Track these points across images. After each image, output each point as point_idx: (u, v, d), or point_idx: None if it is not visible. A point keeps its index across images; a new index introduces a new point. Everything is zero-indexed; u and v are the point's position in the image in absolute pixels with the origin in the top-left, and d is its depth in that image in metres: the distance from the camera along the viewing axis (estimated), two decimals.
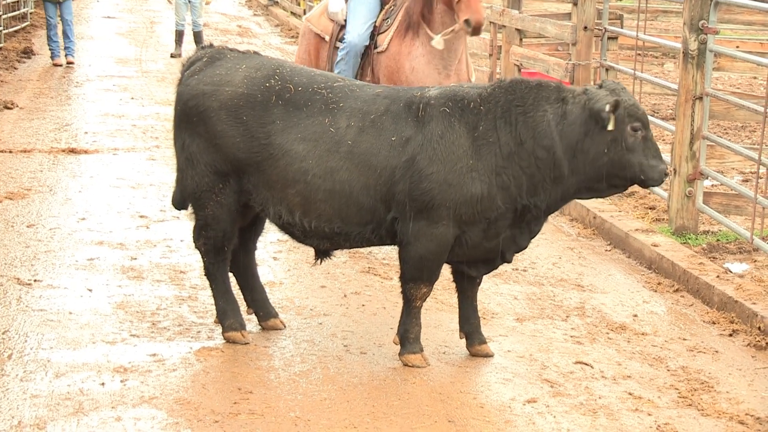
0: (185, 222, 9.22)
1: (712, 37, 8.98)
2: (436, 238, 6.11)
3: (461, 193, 6.02)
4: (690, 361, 6.63)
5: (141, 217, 9.31)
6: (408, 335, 6.36)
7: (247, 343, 6.55)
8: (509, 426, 5.68)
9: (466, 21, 7.77)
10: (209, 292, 6.80)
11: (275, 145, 6.23)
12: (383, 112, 6.19)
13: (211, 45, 6.81)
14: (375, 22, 8.47)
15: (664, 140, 11.96)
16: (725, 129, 13.40)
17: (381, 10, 8.51)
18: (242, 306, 6.79)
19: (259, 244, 8.67)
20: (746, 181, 10.71)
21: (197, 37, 19.88)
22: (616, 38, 11.92)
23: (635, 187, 8.21)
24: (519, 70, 12.52)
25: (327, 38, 8.64)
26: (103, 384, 5.99)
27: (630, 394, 6.13)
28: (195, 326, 6.88)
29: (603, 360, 6.57)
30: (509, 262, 6.46)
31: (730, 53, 10.47)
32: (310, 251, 8.51)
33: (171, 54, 19.89)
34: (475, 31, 7.82)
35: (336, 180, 6.16)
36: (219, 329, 6.71)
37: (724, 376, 6.42)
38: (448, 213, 6.04)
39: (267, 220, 6.61)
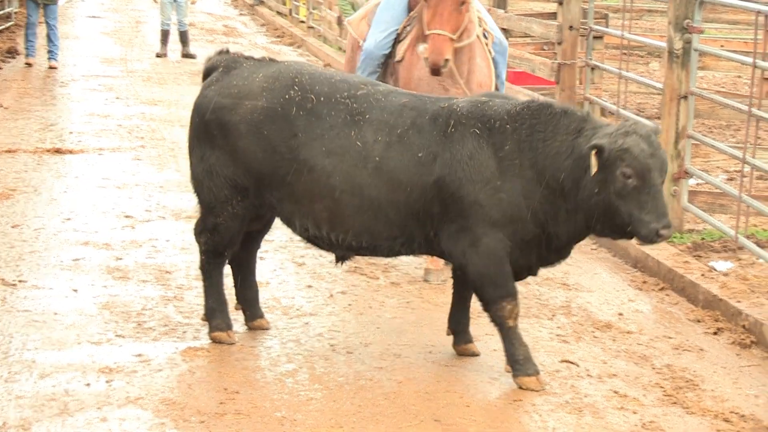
0: (171, 222, 9.21)
1: (696, 37, 8.99)
2: (487, 253, 5.95)
3: (494, 212, 5.88)
4: (675, 359, 6.65)
5: (126, 217, 9.29)
6: (516, 358, 6.07)
7: (233, 344, 6.53)
8: (495, 425, 5.68)
9: (426, 59, 7.50)
10: (195, 292, 6.79)
11: (300, 159, 6.09)
12: (409, 126, 6.03)
13: (227, 51, 6.63)
14: (398, 29, 8.19)
15: None
16: (710, 128, 13.43)
17: (406, 17, 8.20)
18: (230, 302, 6.77)
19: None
20: (731, 179, 10.73)
21: (183, 36, 19.86)
22: (601, 37, 11.92)
23: None
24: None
25: (362, 43, 8.51)
26: (88, 384, 5.98)
27: (615, 392, 6.14)
28: (181, 326, 6.86)
29: (589, 358, 6.57)
30: (535, 275, 6.33)
31: (715, 52, 10.52)
32: (296, 251, 8.56)
33: (156, 54, 19.87)
34: (433, 72, 7.47)
35: (364, 196, 6.03)
36: (205, 330, 6.71)
37: (708, 374, 6.43)
38: (484, 229, 5.90)
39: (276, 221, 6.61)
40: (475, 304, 6.31)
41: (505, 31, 12.70)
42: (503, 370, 6.30)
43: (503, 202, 5.86)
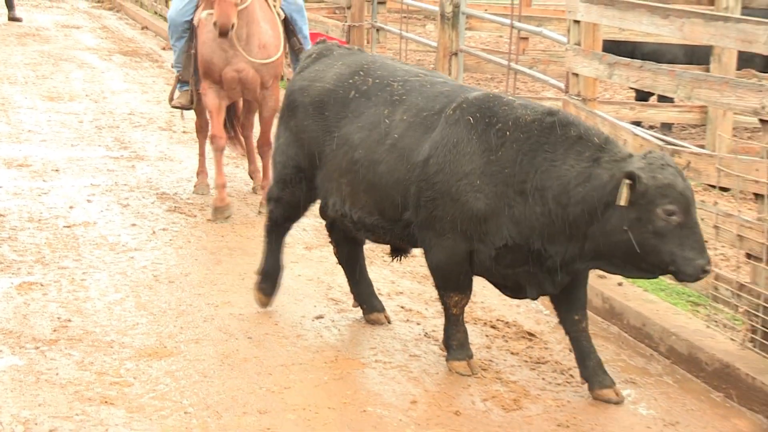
0: (3, 170, 8.81)
1: (464, 1, 9.11)
2: (447, 250, 5.11)
3: (462, 209, 4.98)
4: None
5: None
6: (451, 342, 5.38)
7: (269, 307, 5.98)
8: (301, 339, 5.68)
9: (214, 23, 7.24)
10: (27, 233, 6.48)
11: (341, 134, 5.44)
12: (437, 111, 5.18)
13: (324, 41, 6.09)
14: None
15: None
16: (477, 80, 13.67)
17: None
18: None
19: (72, 189, 8.42)
20: None
21: (8, 2, 18.86)
22: (384, 2, 11.95)
23: None
24: None
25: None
26: None
27: (402, 307, 6.22)
28: (15, 263, 6.58)
29: (380, 279, 6.62)
30: (533, 298, 5.28)
31: (480, 15, 10.67)
32: (121, 194, 8.31)
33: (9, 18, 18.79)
34: (221, 34, 7.26)
35: (376, 172, 5.27)
36: (39, 265, 6.46)
37: (479, 289, 6.54)
38: (451, 227, 5.03)
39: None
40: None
41: None
42: (308, 293, 6.30)
43: (479, 202, 4.94)
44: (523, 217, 4.88)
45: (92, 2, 23.16)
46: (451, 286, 5.24)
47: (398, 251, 5.66)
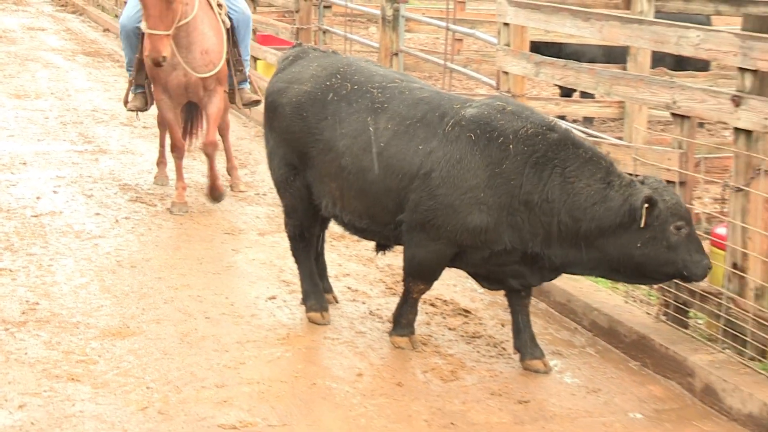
0: None
1: (404, 6, 9.11)
2: (434, 252, 5.02)
3: (464, 221, 4.86)
4: (394, 260, 6.76)
5: None
6: (401, 319, 5.32)
7: (327, 324, 5.58)
8: (255, 318, 5.65)
9: (146, 56, 7.01)
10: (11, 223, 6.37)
11: (324, 140, 5.25)
12: (419, 119, 5.04)
13: (300, 44, 5.94)
14: None
15: None
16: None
17: None
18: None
19: (38, 181, 8.28)
20: None
21: None
22: (330, 7, 11.88)
23: None
24: (254, 32, 12.30)
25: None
26: None
27: (349, 288, 6.21)
28: None
29: (328, 262, 6.56)
30: (515, 290, 5.16)
31: (418, 18, 10.67)
32: (85, 185, 8.19)
33: None
34: (155, 65, 7.00)
35: (366, 179, 5.10)
36: (9, 252, 6.34)
37: None
38: (448, 235, 4.92)
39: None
40: (230, 223, 6.21)
41: (253, 1, 12.49)
42: (262, 275, 6.27)
43: (482, 214, 4.83)
44: (526, 225, 4.82)
45: (56, 6, 22.78)
46: (424, 280, 5.20)
47: (383, 247, 5.52)
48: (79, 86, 12.87)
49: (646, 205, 4.65)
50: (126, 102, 8.12)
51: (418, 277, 5.18)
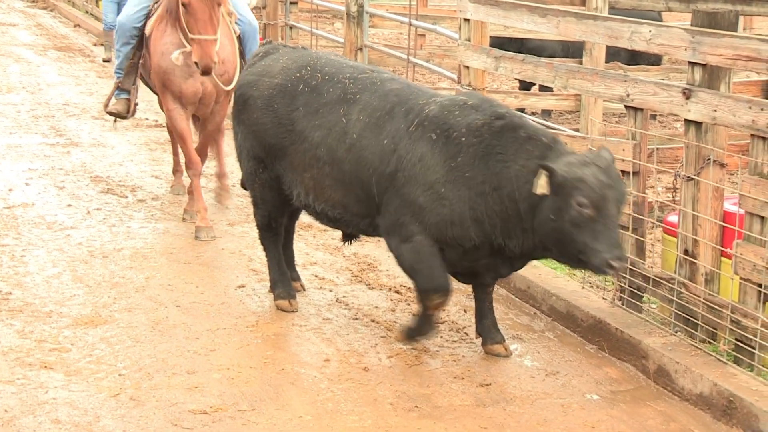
0: None
1: (368, 2, 9.08)
2: (415, 249, 4.85)
3: (429, 217, 4.77)
4: (360, 248, 6.77)
5: None
6: (412, 334, 5.12)
7: (295, 311, 5.54)
8: (225, 306, 5.62)
9: (196, 63, 6.51)
10: None
11: (297, 131, 5.17)
12: (387, 112, 4.96)
13: (270, 41, 5.82)
14: (149, 6, 7.15)
15: None
16: None
17: None
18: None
19: (12, 173, 8.18)
20: None
21: None
22: (296, 3, 11.85)
23: None
24: None
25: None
26: None
27: (316, 276, 6.20)
28: None
29: (295, 251, 6.56)
30: (488, 284, 5.15)
31: (381, 14, 10.65)
32: (57, 177, 8.10)
33: None
34: (204, 72, 6.53)
35: (339, 170, 5.03)
36: None
37: (384, 258, 6.59)
38: (420, 230, 4.80)
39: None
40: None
41: None
42: (231, 264, 6.24)
43: (445, 209, 4.74)
44: (485, 217, 4.72)
45: (27, 2, 22.47)
46: (433, 285, 4.91)
47: (350, 237, 5.46)
48: (50, 80, 12.72)
49: (544, 172, 4.49)
50: (106, 105, 7.69)
51: (424, 282, 4.92)
